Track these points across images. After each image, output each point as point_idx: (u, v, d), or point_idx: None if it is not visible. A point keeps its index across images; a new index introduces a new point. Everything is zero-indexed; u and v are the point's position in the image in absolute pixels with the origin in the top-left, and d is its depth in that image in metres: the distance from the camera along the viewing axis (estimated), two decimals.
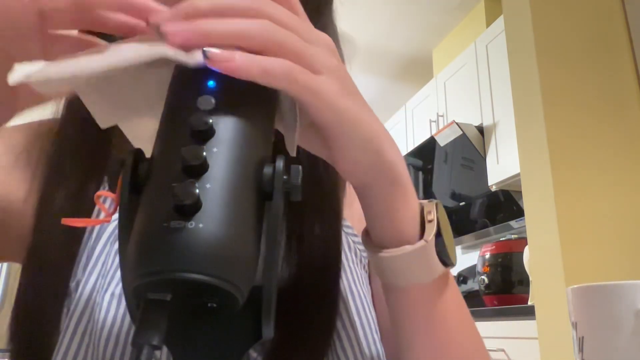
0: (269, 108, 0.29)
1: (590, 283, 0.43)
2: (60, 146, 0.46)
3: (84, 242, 0.43)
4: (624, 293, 0.40)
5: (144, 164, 0.26)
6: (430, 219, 0.36)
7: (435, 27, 3.39)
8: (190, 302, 0.24)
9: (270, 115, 0.29)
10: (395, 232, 0.35)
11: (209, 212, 0.23)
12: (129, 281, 0.23)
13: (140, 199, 0.25)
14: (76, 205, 0.43)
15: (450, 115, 3.09)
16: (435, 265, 0.36)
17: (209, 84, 0.27)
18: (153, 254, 0.22)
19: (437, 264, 0.36)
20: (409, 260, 0.35)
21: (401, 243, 0.35)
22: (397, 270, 0.36)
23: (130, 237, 0.24)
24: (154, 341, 0.22)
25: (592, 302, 0.42)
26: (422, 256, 0.35)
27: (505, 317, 2.13)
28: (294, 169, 0.26)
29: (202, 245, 0.22)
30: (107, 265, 0.41)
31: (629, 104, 1.97)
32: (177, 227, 0.22)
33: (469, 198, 3.12)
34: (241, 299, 0.24)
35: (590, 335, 0.42)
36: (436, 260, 0.35)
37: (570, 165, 1.82)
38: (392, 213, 0.35)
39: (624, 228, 1.81)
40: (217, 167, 0.24)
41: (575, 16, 2.01)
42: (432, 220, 0.36)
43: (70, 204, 0.43)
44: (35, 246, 0.43)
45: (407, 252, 0.35)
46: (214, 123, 0.25)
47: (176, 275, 0.22)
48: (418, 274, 0.36)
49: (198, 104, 0.26)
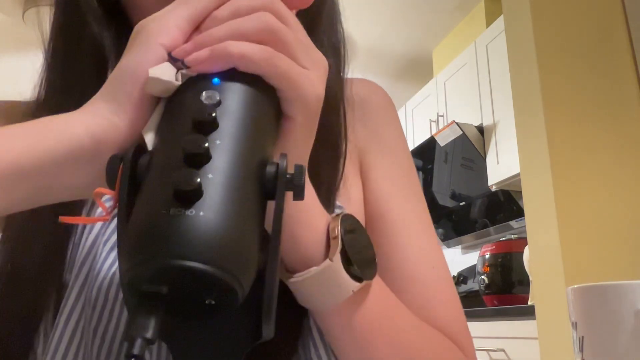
0: (273, 106, 0.29)
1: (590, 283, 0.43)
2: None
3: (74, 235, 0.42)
4: (624, 293, 0.40)
5: (144, 160, 0.25)
6: (334, 236, 0.35)
7: (435, 27, 3.39)
8: (187, 297, 0.23)
9: (275, 114, 0.29)
10: (300, 256, 0.34)
11: (210, 201, 0.22)
12: (124, 271, 0.22)
13: (140, 190, 0.24)
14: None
15: (450, 115, 3.09)
16: (347, 283, 0.34)
17: (214, 80, 0.27)
18: (150, 241, 0.22)
19: (349, 282, 0.35)
20: (317, 282, 0.34)
21: (308, 265, 0.34)
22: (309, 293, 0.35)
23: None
24: (147, 334, 0.21)
25: (592, 302, 0.42)
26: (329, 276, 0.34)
27: (505, 317, 2.13)
28: (297, 168, 0.26)
29: (202, 233, 0.21)
30: (98, 258, 0.40)
31: (629, 104, 1.97)
32: (176, 214, 0.22)
33: (469, 198, 3.12)
34: (240, 293, 0.23)
35: (590, 335, 0.42)
36: (345, 277, 0.34)
37: (570, 165, 1.82)
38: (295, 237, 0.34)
39: (624, 228, 1.81)
40: (219, 159, 0.24)
41: (576, 16, 2.01)
42: (336, 237, 0.34)
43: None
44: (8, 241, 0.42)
45: (312, 275, 0.34)
46: (218, 116, 0.25)
47: (173, 262, 0.21)
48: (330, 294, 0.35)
49: (202, 98, 0.26)
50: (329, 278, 0.34)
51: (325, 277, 0.34)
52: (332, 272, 0.34)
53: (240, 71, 0.28)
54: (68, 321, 0.39)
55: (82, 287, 0.39)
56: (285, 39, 0.29)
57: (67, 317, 0.39)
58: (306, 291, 0.35)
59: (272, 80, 0.28)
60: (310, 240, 0.34)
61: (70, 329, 0.38)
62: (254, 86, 0.28)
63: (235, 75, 0.27)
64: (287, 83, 0.28)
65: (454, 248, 3.51)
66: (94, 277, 0.39)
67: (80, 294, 0.39)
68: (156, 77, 0.27)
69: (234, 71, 0.27)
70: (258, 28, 0.28)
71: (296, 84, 0.28)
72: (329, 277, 0.34)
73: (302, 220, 0.34)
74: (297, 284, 0.35)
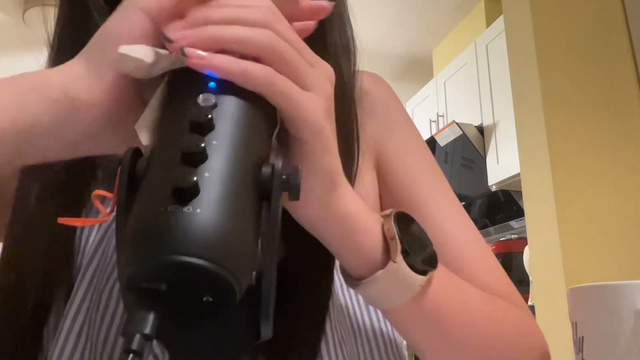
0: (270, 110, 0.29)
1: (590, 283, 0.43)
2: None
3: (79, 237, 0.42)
4: (624, 293, 0.40)
5: (142, 162, 0.25)
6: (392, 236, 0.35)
7: (435, 28, 3.39)
8: (185, 294, 0.23)
9: (272, 117, 0.29)
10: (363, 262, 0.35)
11: (206, 199, 0.23)
12: (123, 269, 0.23)
13: (138, 190, 0.25)
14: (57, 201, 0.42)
15: (450, 115, 3.09)
16: (413, 279, 0.35)
17: (210, 83, 0.27)
18: (147, 238, 0.22)
19: (415, 278, 0.35)
20: (385, 284, 0.35)
21: (373, 271, 0.35)
22: (378, 296, 0.36)
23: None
24: (145, 330, 0.21)
25: (592, 302, 0.42)
26: (395, 277, 0.35)
27: None
28: (293, 169, 0.26)
29: (199, 230, 0.22)
30: (104, 259, 0.40)
31: (629, 104, 1.97)
32: (173, 211, 0.22)
33: (469, 198, 3.12)
34: (237, 290, 0.23)
35: (590, 335, 0.42)
36: (411, 274, 0.35)
37: (570, 165, 1.82)
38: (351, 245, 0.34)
39: (624, 228, 1.81)
40: (216, 159, 0.24)
41: (576, 16, 2.01)
42: (394, 238, 0.35)
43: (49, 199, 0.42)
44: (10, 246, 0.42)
45: (379, 278, 0.34)
46: (214, 118, 0.25)
47: (170, 258, 0.21)
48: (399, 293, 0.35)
49: (199, 100, 0.26)
50: (395, 279, 0.35)
51: (391, 278, 0.35)
52: (398, 272, 0.34)
53: None
54: (74, 322, 0.39)
55: (88, 290, 0.39)
56: (287, 58, 0.29)
57: (72, 318, 0.39)
58: (375, 294, 0.36)
59: (272, 100, 0.28)
60: (369, 246, 0.35)
61: (76, 330, 0.38)
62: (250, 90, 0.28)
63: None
64: (288, 104, 0.28)
65: None
66: (101, 278, 0.39)
67: (85, 296, 0.39)
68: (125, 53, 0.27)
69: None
70: (261, 45, 0.28)
71: (296, 104, 0.28)
72: (395, 278, 0.35)
73: (357, 229, 0.34)
74: (365, 289, 0.35)
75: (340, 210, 0.33)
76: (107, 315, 0.38)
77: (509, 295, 0.47)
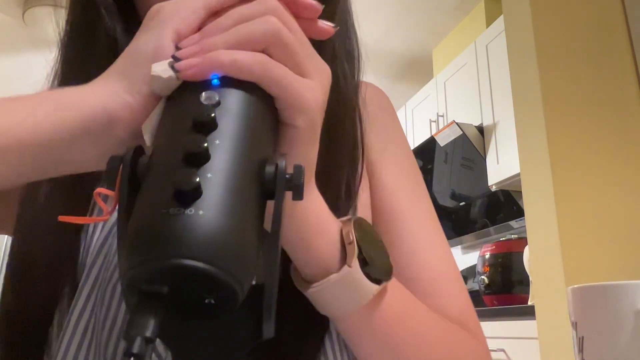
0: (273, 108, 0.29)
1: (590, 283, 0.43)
2: None
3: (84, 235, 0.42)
4: (624, 293, 0.40)
5: (143, 160, 0.25)
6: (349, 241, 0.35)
7: (435, 27, 3.39)
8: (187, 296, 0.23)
9: (275, 116, 0.29)
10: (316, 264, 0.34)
11: (209, 201, 0.22)
12: (124, 271, 0.22)
13: (139, 190, 0.24)
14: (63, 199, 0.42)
15: (450, 115, 3.09)
16: (367, 287, 0.35)
17: (213, 82, 0.27)
18: (149, 241, 0.22)
19: (368, 286, 0.35)
20: (337, 289, 0.34)
21: (326, 274, 0.34)
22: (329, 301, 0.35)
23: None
24: (146, 333, 0.21)
25: (592, 302, 0.42)
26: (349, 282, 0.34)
27: (505, 317, 2.12)
28: (296, 168, 0.26)
29: (201, 232, 0.21)
30: (108, 258, 0.41)
31: (629, 103, 1.97)
32: (175, 213, 0.22)
33: (469, 198, 3.12)
34: (240, 293, 0.23)
35: (590, 335, 0.42)
36: (365, 281, 0.34)
37: (570, 165, 1.82)
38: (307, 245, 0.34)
39: (624, 228, 1.81)
40: (218, 159, 0.24)
41: (576, 16, 2.01)
42: (352, 243, 0.34)
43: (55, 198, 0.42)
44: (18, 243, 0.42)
45: (332, 282, 0.34)
46: (217, 117, 0.25)
47: (172, 262, 0.21)
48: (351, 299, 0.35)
49: (202, 99, 0.26)
50: (348, 284, 0.34)
51: (345, 283, 0.34)
52: (352, 277, 0.34)
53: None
54: (79, 321, 0.39)
55: (93, 288, 0.40)
56: (288, 43, 0.28)
57: (77, 316, 0.39)
58: (326, 299, 0.35)
59: (267, 88, 0.28)
60: (325, 248, 0.34)
61: (81, 328, 0.39)
62: (253, 87, 0.28)
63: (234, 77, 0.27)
64: (283, 91, 0.28)
65: (454, 248, 3.51)
66: (105, 277, 0.40)
67: (90, 294, 0.39)
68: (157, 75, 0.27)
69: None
70: (262, 31, 0.28)
71: (293, 91, 0.28)
72: (348, 283, 0.34)
73: (314, 228, 0.34)
74: (316, 293, 0.35)
75: (303, 209, 0.33)
76: (110, 314, 0.38)
77: (466, 320, 0.46)
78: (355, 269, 0.34)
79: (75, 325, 0.39)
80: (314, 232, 0.34)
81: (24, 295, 0.41)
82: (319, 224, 0.34)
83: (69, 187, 0.42)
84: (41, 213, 0.41)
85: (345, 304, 0.35)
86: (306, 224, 0.34)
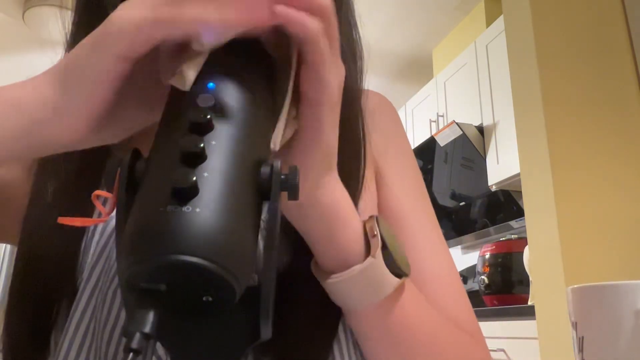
0: (268, 109, 0.29)
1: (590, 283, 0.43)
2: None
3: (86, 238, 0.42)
4: (624, 293, 0.40)
5: (142, 163, 0.26)
6: (374, 234, 0.35)
7: (435, 27, 3.39)
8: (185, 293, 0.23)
9: (270, 117, 0.29)
10: (338, 255, 0.35)
11: (206, 199, 0.23)
12: (122, 269, 0.23)
13: (138, 191, 0.25)
14: (68, 201, 0.42)
15: (450, 115, 3.09)
16: (389, 280, 0.35)
17: (209, 84, 0.27)
18: (147, 238, 0.22)
19: (390, 278, 0.35)
20: (359, 281, 0.35)
21: (348, 265, 0.34)
22: (348, 293, 0.35)
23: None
24: (145, 329, 0.21)
25: (592, 302, 0.42)
26: (372, 273, 0.35)
27: (505, 317, 2.13)
28: (291, 168, 0.26)
29: (198, 229, 0.22)
30: (109, 260, 0.41)
31: (629, 103, 1.97)
32: (172, 211, 0.22)
33: (469, 198, 3.12)
34: (237, 289, 0.23)
35: (590, 335, 0.42)
36: (388, 274, 0.35)
37: (570, 165, 1.82)
38: (331, 236, 0.34)
39: (624, 228, 1.81)
40: (215, 159, 0.24)
41: (576, 16, 2.01)
42: (376, 236, 0.35)
43: (60, 199, 0.42)
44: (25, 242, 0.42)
45: (356, 273, 0.34)
46: (213, 119, 0.25)
47: (170, 258, 0.21)
48: (371, 292, 0.35)
49: (198, 101, 0.26)
50: (371, 275, 0.35)
51: (367, 275, 0.34)
52: (376, 269, 0.34)
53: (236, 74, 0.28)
54: (80, 323, 0.39)
55: (94, 290, 0.40)
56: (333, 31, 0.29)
57: (79, 318, 0.39)
58: (345, 291, 0.35)
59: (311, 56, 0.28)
60: (349, 240, 0.35)
61: (82, 330, 0.39)
62: (249, 89, 0.28)
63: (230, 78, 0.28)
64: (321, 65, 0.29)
65: (454, 248, 3.51)
66: (106, 280, 0.40)
67: (91, 297, 0.40)
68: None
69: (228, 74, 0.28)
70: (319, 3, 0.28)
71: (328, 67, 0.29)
72: (371, 275, 0.35)
73: (340, 220, 0.34)
74: (336, 284, 0.35)
75: (329, 197, 0.33)
76: (111, 316, 0.38)
77: (466, 323, 0.47)
78: (379, 260, 0.34)
79: (76, 328, 0.39)
80: (340, 225, 0.34)
81: (27, 297, 0.41)
82: (345, 217, 0.35)
83: (73, 189, 0.42)
84: (45, 214, 0.42)
85: (364, 296, 0.36)
86: (333, 216, 0.34)
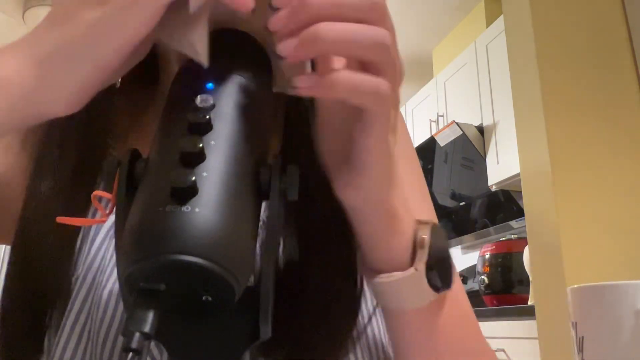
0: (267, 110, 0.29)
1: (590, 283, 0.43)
2: (49, 134, 0.45)
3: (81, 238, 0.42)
4: (624, 293, 0.40)
5: (141, 163, 0.26)
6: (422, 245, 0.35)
7: (435, 27, 3.39)
8: (184, 293, 0.23)
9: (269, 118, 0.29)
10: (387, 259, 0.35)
11: (205, 198, 0.23)
12: (122, 269, 0.23)
13: (137, 191, 0.25)
14: (64, 201, 0.42)
15: (450, 115, 3.09)
16: (427, 292, 0.35)
17: (208, 85, 0.27)
18: (146, 237, 0.22)
19: (428, 291, 0.35)
20: (399, 287, 0.35)
21: (393, 269, 0.35)
22: (389, 295, 0.36)
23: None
24: (145, 329, 0.21)
25: (592, 302, 0.42)
26: (412, 283, 0.35)
27: (505, 317, 2.13)
28: (290, 168, 0.26)
29: (197, 228, 0.22)
30: (105, 261, 0.41)
31: (629, 103, 1.97)
32: (171, 210, 0.22)
33: (469, 198, 3.12)
34: (236, 288, 0.23)
35: (590, 335, 0.42)
36: (427, 287, 0.35)
37: (570, 165, 1.82)
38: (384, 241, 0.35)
39: (624, 228, 1.81)
40: (214, 159, 0.24)
41: (576, 16, 2.01)
42: (424, 247, 0.35)
43: (56, 199, 0.42)
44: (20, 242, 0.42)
45: (397, 279, 0.35)
46: (213, 119, 0.25)
47: (169, 257, 0.21)
48: (410, 299, 0.36)
49: (197, 102, 0.26)
50: (410, 285, 0.35)
51: (407, 283, 0.35)
52: (415, 280, 0.35)
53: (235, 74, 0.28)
54: (75, 323, 0.39)
55: (89, 291, 0.40)
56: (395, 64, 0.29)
57: (74, 318, 0.39)
58: (388, 292, 0.36)
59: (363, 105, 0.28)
60: (399, 246, 0.35)
61: (78, 330, 0.39)
62: (248, 89, 0.28)
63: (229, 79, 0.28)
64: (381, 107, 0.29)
65: (454, 248, 3.51)
66: (102, 280, 0.40)
67: (87, 297, 0.39)
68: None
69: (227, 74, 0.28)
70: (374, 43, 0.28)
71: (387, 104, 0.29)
72: (411, 284, 0.35)
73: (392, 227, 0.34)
74: (380, 284, 0.35)
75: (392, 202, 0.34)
76: (107, 316, 0.38)
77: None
78: (420, 272, 0.35)
79: (71, 328, 0.39)
80: (395, 231, 0.35)
81: (22, 297, 0.41)
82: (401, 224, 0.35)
83: (69, 190, 0.42)
84: (40, 214, 0.41)
85: (403, 300, 0.36)
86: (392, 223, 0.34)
